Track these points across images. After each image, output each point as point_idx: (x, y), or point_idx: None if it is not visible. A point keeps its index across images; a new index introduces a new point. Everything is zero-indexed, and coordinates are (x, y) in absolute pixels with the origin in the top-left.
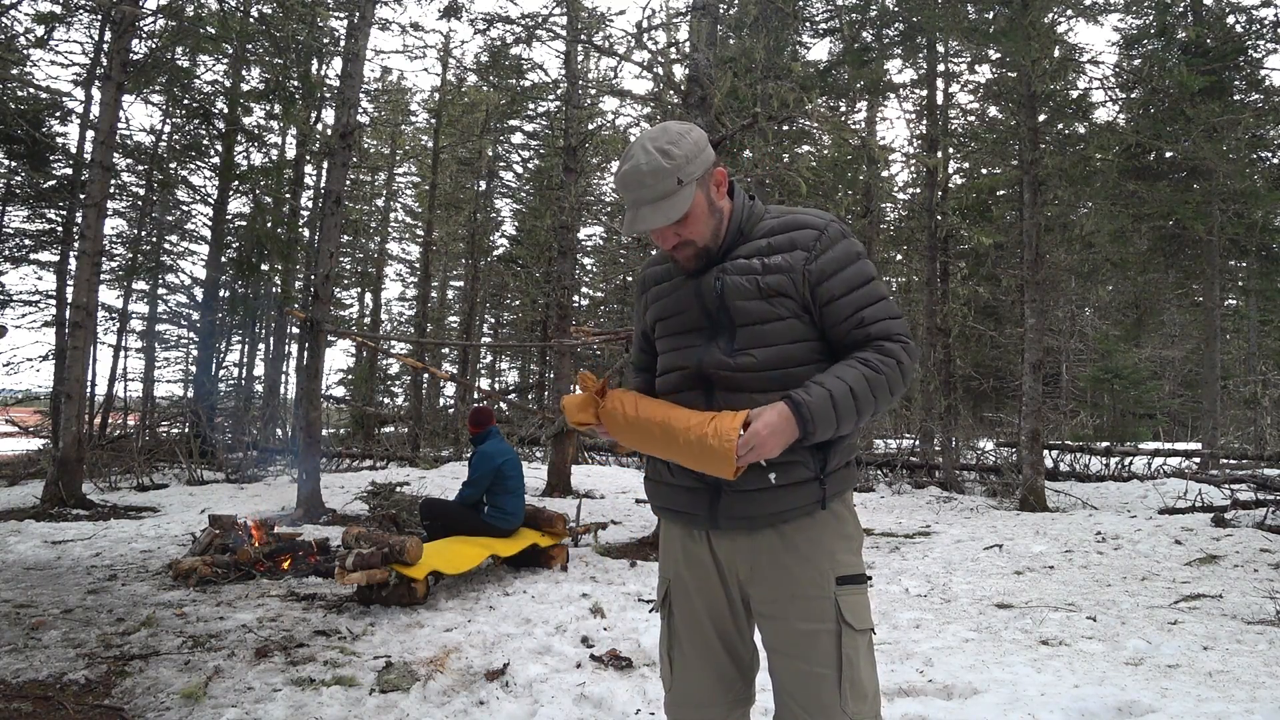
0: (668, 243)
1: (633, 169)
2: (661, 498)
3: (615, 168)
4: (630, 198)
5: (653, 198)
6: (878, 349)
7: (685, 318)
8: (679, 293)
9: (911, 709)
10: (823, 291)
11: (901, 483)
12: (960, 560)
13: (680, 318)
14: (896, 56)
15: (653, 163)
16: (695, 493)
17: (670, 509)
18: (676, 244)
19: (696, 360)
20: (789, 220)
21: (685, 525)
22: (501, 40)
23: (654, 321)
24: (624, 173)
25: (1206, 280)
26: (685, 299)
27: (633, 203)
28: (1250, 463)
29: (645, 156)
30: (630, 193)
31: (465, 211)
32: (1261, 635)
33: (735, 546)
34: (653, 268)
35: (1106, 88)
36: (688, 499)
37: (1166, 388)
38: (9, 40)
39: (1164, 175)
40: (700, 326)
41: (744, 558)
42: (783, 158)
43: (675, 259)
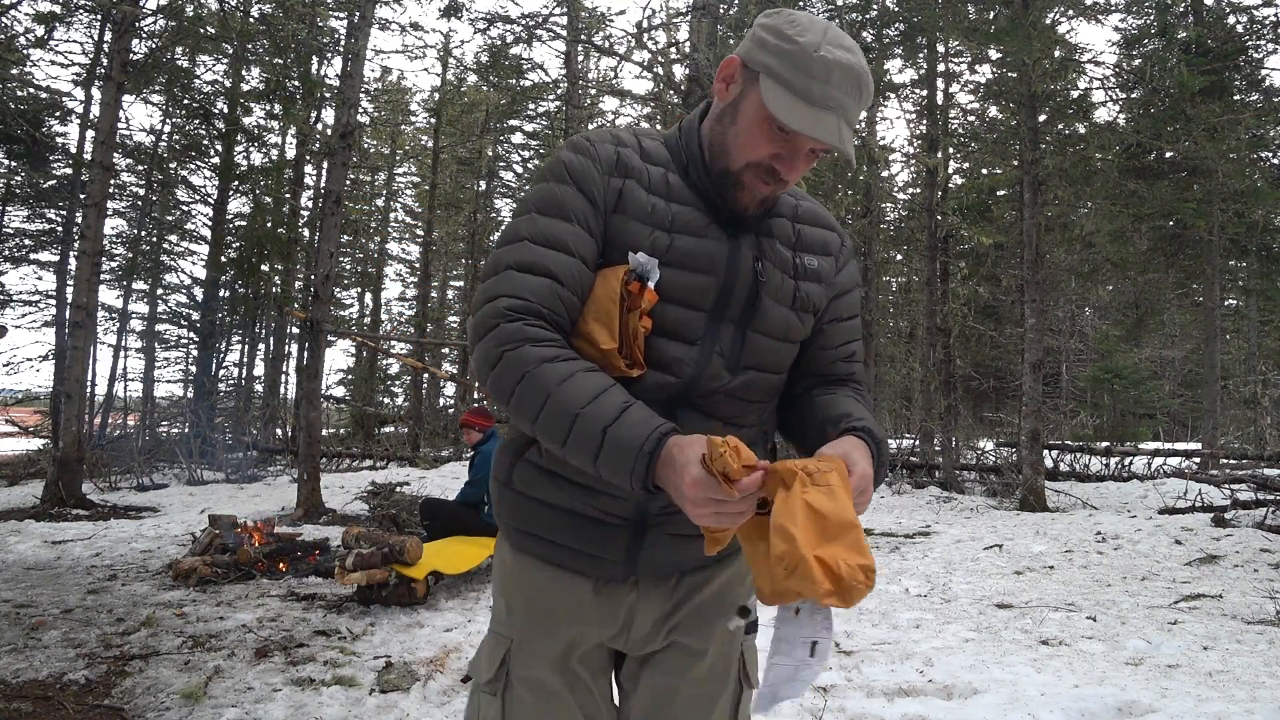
0: (794, 169)
1: (859, 66)
2: (546, 529)
3: (802, 39)
4: (840, 98)
5: (858, 109)
6: (858, 393)
7: (696, 286)
8: (701, 242)
9: (911, 709)
10: (831, 310)
11: (901, 483)
12: (960, 560)
13: (688, 283)
14: (896, 56)
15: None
16: (608, 529)
17: (565, 546)
18: (785, 173)
19: (692, 374)
20: (814, 212)
21: (579, 574)
22: (501, 40)
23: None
24: (847, 64)
25: (1206, 280)
26: (708, 257)
27: (839, 106)
28: (1250, 463)
29: (859, 57)
30: (844, 93)
31: (465, 211)
32: (1261, 635)
33: (642, 601)
34: (632, 154)
35: (1107, 88)
36: (596, 537)
37: (1166, 388)
38: (9, 40)
39: (1164, 175)
40: (707, 309)
41: (650, 612)
42: None
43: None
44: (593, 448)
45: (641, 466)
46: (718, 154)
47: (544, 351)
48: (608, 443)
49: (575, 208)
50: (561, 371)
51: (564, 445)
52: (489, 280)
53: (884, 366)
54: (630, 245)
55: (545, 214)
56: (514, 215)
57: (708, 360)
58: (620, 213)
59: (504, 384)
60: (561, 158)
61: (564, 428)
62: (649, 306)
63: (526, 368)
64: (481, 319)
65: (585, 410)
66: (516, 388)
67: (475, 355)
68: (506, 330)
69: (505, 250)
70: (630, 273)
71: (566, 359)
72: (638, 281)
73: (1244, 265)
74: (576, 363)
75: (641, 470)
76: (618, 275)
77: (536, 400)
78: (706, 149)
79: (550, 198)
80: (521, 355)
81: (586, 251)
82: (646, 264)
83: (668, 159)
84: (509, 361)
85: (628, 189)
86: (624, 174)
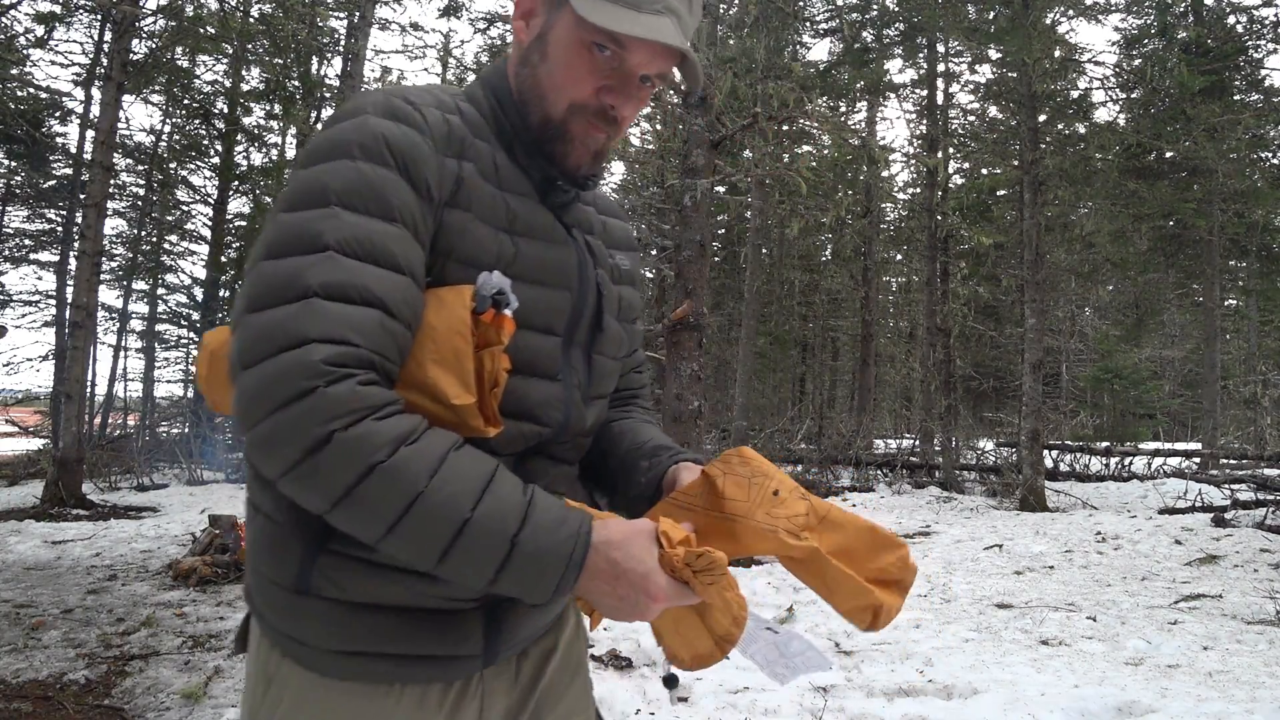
0: (628, 101)
1: None
2: (382, 640)
3: None
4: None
5: (692, 21)
6: (648, 412)
7: (550, 305)
8: (549, 247)
9: (911, 709)
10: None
11: (901, 483)
12: (960, 560)
13: (542, 301)
14: (896, 56)
15: None
16: (460, 619)
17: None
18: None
19: (562, 419)
20: (606, 198)
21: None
22: (501, 40)
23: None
24: None
25: (1206, 280)
26: (559, 266)
27: (668, 9)
28: (1250, 463)
29: None
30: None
31: None
32: (1261, 635)
33: (489, 696)
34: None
35: (1107, 88)
36: (448, 632)
37: (1166, 388)
38: (9, 40)
39: (1164, 175)
40: (561, 333)
41: (498, 704)
42: (783, 158)
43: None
44: (493, 562)
45: (570, 579)
46: (532, 102)
47: (395, 427)
48: (518, 556)
49: (401, 202)
50: (426, 457)
51: (441, 560)
52: (276, 312)
53: (884, 366)
54: (472, 255)
55: (357, 210)
56: (292, 203)
57: (573, 398)
58: (457, 207)
59: (334, 481)
60: (375, 128)
61: (442, 539)
62: (507, 341)
63: (374, 457)
64: (279, 376)
65: (478, 513)
66: (357, 487)
67: (268, 432)
68: (332, 397)
69: (298, 265)
70: (480, 296)
71: (423, 434)
72: (492, 309)
73: (1244, 265)
74: (436, 437)
75: (569, 583)
76: (461, 299)
77: (393, 504)
78: (518, 103)
79: (364, 186)
80: (364, 437)
81: (417, 266)
82: (501, 283)
83: (488, 131)
84: (344, 448)
85: (468, 175)
86: (460, 154)
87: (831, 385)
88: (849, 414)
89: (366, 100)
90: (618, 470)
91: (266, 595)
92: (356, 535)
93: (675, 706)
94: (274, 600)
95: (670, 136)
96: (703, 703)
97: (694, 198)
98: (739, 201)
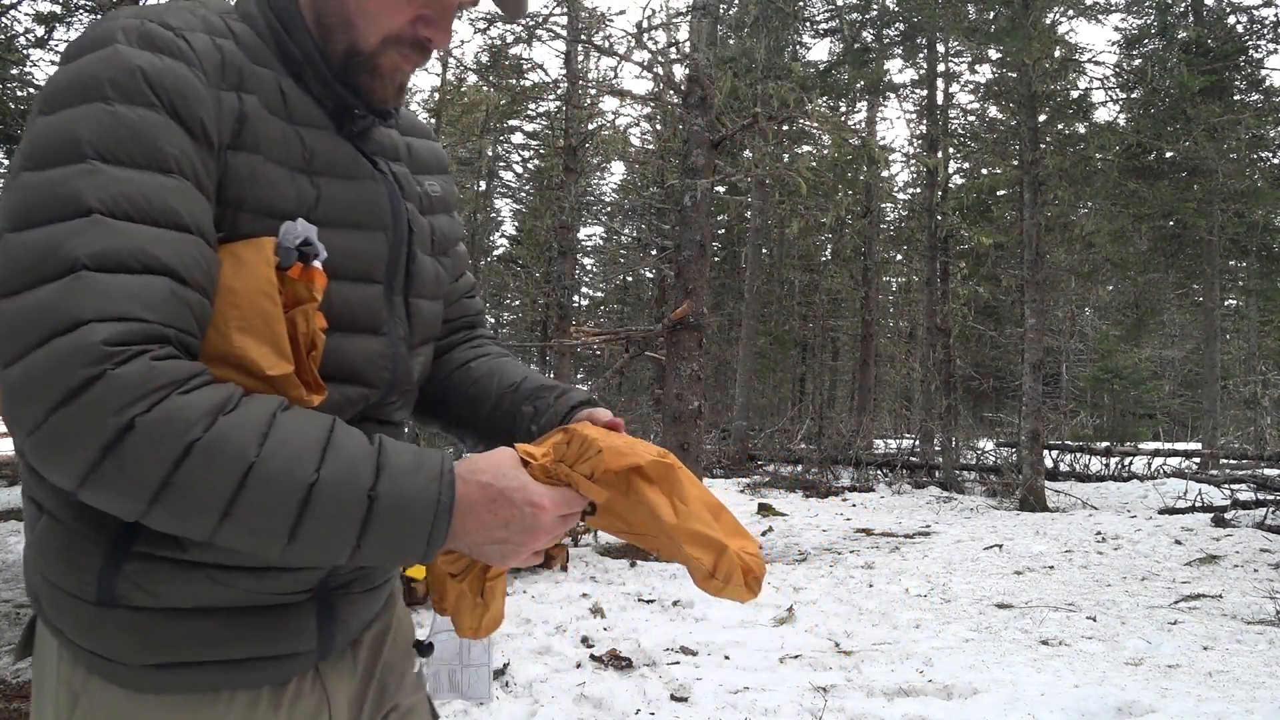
0: (444, 31)
1: None
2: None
3: None
4: None
5: None
6: (496, 342)
7: (366, 251)
8: (357, 185)
9: (911, 709)
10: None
11: (901, 483)
12: (960, 560)
13: (356, 247)
14: (896, 56)
15: None
16: (293, 614)
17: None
18: (436, 40)
19: (391, 377)
20: (410, 117)
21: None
22: (501, 40)
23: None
24: None
25: (1206, 280)
26: (371, 204)
27: None
28: (1250, 463)
29: None
30: None
31: (465, 211)
32: (1261, 635)
33: (331, 690)
34: (236, 49)
35: (1107, 88)
36: (281, 629)
37: (1166, 388)
38: (9, 40)
39: (1164, 175)
40: (381, 279)
41: (342, 696)
42: (783, 158)
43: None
44: (353, 526)
45: (443, 525)
46: (337, 30)
47: (207, 398)
48: (380, 512)
49: (175, 149)
50: (251, 423)
51: (292, 538)
52: (37, 293)
53: (884, 366)
54: (266, 203)
55: (121, 163)
56: (36, 160)
57: (400, 352)
58: (243, 149)
59: (147, 474)
60: (130, 61)
61: (289, 513)
62: (320, 297)
63: (189, 434)
64: (53, 367)
65: (324, 473)
66: (176, 474)
67: (52, 435)
68: (124, 379)
69: (55, 235)
70: (284, 249)
71: (241, 400)
72: (299, 262)
73: (1244, 265)
74: (257, 401)
75: (443, 529)
76: (263, 255)
77: (222, 484)
78: (314, 29)
79: (125, 133)
80: (172, 415)
81: (205, 222)
82: (306, 231)
83: (269, 55)
84: (150, 432)
85: (251, 110)
86: (239, 85)
87: (831, 385)
88: (849, 414)
89: (114, 25)
90: (495, 418)
91: (61, 608)
92: (186, 533)
93: (675, 706)
94: (72, 614)
95: (670, 136)
96: (702, 703)
97: (694, 198)
98: (739, 201)
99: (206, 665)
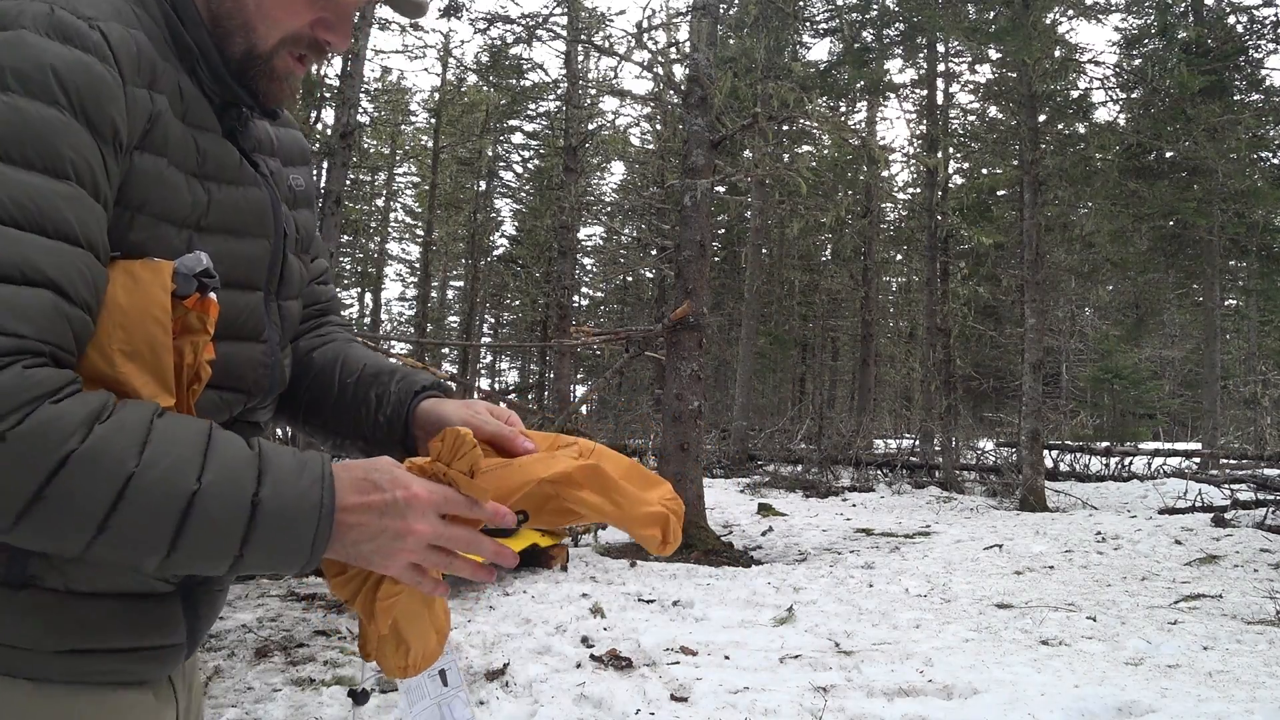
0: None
1: None
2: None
3: None
4: None
5: None
6: (348, 329)
7: (251, 258)
8: (241, 192)
9: (911, 709)
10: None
11: (901, 483)
12: (960, 560)
13: (242, 255)
14: (896, 56)
15: None
16: (164, 604)
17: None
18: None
19: (270, 384)
20: None
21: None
22: (501, 40)
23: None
24: None
25: (1206, 280)
26: (256, 211)
27: None
28: (1250, 463)
29: None
30: None
31: (465, 211)
32: (1261, 635)
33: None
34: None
35: (1107, 88)
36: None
37: (1166, 388)
38: None
39: (1164, 175)
40: (262, 285)
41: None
42: (783, 158)
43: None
44: (236, 534)
45: (326, 528)
46: (236, 33)
47: (82, 405)
48: (264, 518)
49: (76, 154)
50: (129, 431)
51: (172, 549)
52: None
53: (884, 366)
54: (165, 208)
55: (15, 162)
56: None
57: (278, 357)
58: (150, 151)
59: (17, 488)
60: (39, 54)
61: (169, 523)
62: (212, 330)
63: (65, 446)
64: None
65: (206, 481)
66: (49, 487)
67: None
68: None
69: None
70: (183, 276)
71: (116, 407)
72: (197, 292)
73: (1244, 265)
74: (133, 408)
75: (325, 533)
76: (160, 278)
77: (100, 496)
78: (209, 25)
79: (24, 131)
80: (46, 425)
81: (97, 235)
82: (207, 261)
83: (166, 48)
84: (22, 445)
85: (161, 109)
86: (151, 82)
87: (831, 385)
88: (849, 414)
89: (20, 8)
90: (341, 409)
91: None
92: (56, 549)
93: (675, 706)
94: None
95: (670, 136)
96: (702, 703)
97: (694, 198)
98: (739, 201)
99: (113, 654)
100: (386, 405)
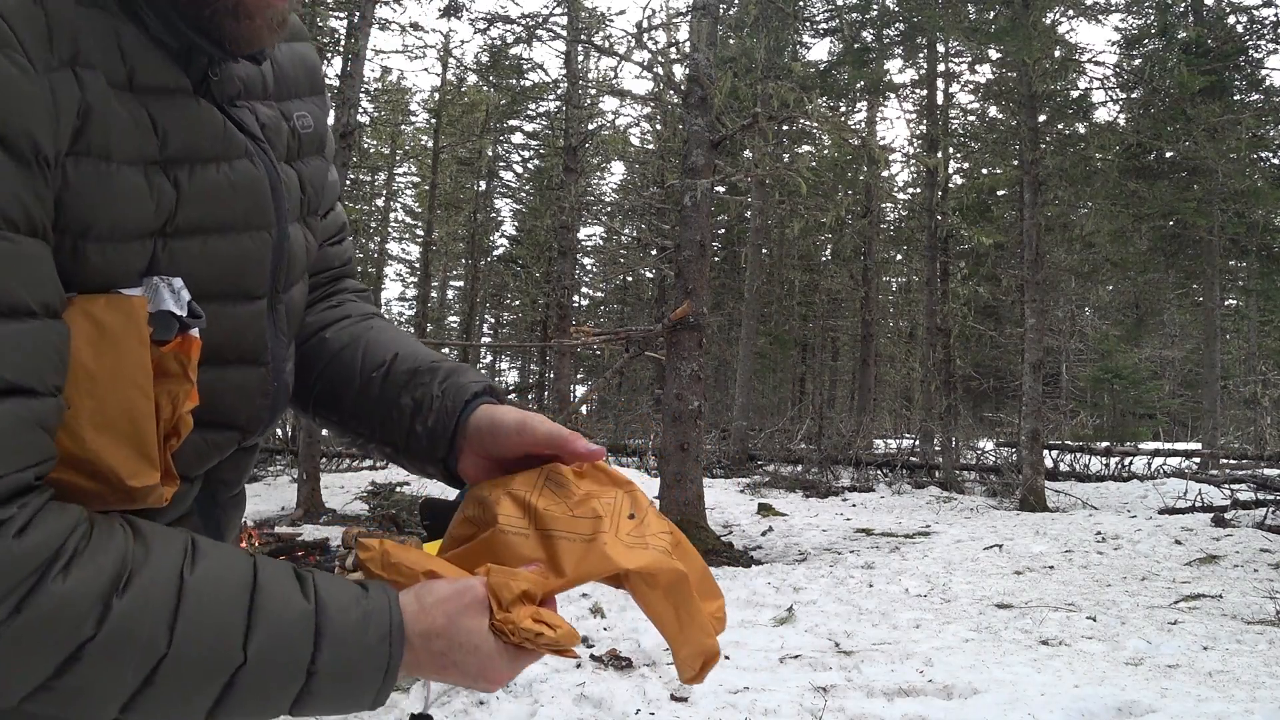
0: None
1: None
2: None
3: None
4: None
5: None
6: (366, 298)
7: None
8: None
9: (911, 709)
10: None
11: (901, 483)
12: (960, 560)
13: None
14: (896, 56)
15: None
16: None
17: None
18: None
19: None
20: None
21: None
22: (501, 40)
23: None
24: None
25: (1206, 280)
26: (251, 194)
27: None
28: (1250, 463)
29: None
30: None
31: (465, 211)
32: (1261, 635)
33: None
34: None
35: (1107, 88)
36: None
37: (1166, 388)
38: None
39: (1164, 175)
40: (264, 292)
41: None
42: (783, 157)
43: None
44: (284, 702)
45: (389, 687)
46: None
47: (93, 577)
48: (320, 685)
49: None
50: (155, 602)
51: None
52: None
53: (884, 366)
54: (117, 222)
55: None
56: None
57: (282, 380)
58: (88, 154)
59: (18, 682)
60: None
61: (208, 698)
62: (195, 374)
63: (78, 634)
64: None
65: (253, 653)
66: (58, 680)
67: None
68: None
69: None
70: (162, 316)
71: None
72: (180, 335)
73: (1244, 265)
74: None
75: (386, 694)
76: (134, 325)
77: (127, 680)
78: None
79: None
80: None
81: (50, 286)
82: (180, 292)
83: None
84: (25, 641)
85: (93, 94)
86: (74, 57)
87: (831, 385)
88: (849, 414)
89: None
90: (364, 406)
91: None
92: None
93: (675, 706)
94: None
95: (670, 136)
96: (703, 703)
97: (694, 198)
98: (739, 201)
99: None
100: (428, 414)
